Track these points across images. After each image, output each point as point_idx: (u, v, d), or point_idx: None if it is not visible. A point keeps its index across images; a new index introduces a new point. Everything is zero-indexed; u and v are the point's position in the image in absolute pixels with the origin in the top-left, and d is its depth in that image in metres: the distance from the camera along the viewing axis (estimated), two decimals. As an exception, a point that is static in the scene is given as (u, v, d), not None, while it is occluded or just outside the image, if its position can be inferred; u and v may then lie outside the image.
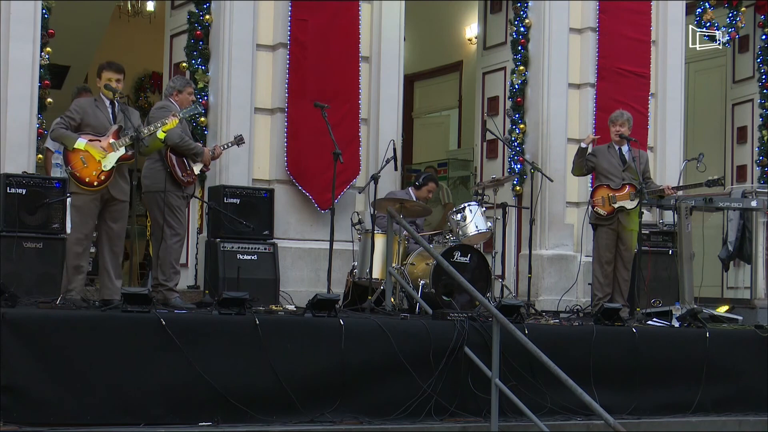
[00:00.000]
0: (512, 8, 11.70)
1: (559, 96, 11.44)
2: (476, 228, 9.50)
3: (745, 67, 13.99)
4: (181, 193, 8.31)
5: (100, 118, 7.75)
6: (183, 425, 6.72)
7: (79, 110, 7.73)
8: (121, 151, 7.66)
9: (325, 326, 7.45)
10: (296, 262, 9.90)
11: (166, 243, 8.18)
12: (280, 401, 7.09)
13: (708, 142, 13.86)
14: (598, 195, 9.79)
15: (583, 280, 10.79)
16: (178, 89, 8.52)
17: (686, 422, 8.45)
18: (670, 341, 8.85)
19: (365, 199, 9.99)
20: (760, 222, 11.64)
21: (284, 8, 10.04)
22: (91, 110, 7.75)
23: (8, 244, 8.11)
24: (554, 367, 7.09)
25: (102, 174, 7.59)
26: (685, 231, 9.85)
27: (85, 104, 7.83)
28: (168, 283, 8.19)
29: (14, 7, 8.91)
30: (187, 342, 6.82)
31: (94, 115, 7.73)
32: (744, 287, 12.22)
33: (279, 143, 10.00)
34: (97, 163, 7.57)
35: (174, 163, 8.23)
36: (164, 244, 8.19)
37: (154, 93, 16.16)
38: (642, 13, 11.91)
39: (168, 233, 8.17)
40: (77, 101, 7.97)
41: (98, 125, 7.71)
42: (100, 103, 7.82)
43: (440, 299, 8.93)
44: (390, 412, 7.42)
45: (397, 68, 10.68)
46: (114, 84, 7.77)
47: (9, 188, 8.26)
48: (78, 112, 7.72)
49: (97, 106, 7.80)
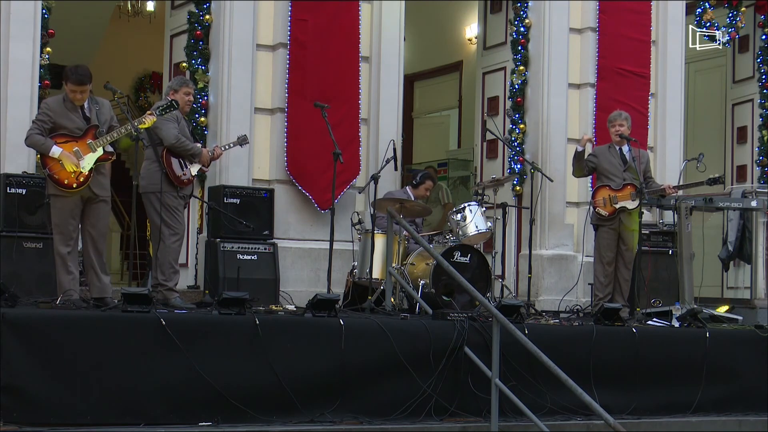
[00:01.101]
0: (512, 8, 11.70)
1: (559, 96, 11.44)
2: (476, 228, 9.50)
3: (745, 67, 13.99)
4: (177, 193, 8.26)
5: (72, 118, 7.53)
6: (183, 425, 6.72)
7: (49, 113, 7.49)
8: (99, 151, 7.52)
9: (325, 326, 7.45)
10: (296, 262, 9.90)
11: (165, 243, 8.16)
12: (280, 401, 7.09)
13: (708, 142, 13.87)
14: (599, 196, 9.79)
15: (583, 280, 10.79)
16: (174, 88, 8.48)
17: (686, 422, 8.45)
18: (670, 341, 8.84)
19: (365, 199, 9.99)
20: (760, 222, 11.65)
21: (284, 8, 10.04)
22: (60, 110, 7.51)
23: (8, 244, 8.11)
24: (554, 367, 7.09)
25: (80, 176, 7.44)
26: (685, 231, 9.85)
27: (53, 105, 7.56)
28: (168, 282, 8.17)
29: (14, 7, 8.91)
30: (187, 342, 6.82)
31: (66, 116, 7.51)
32: (744, 287, 12.22)
33: (279, 143, 10.00)
34: (72, 165, 7.43)
35: (170, 164, 8.20)
36: (163, 245, 8.17)
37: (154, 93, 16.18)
38: (642, 13, 11.91)
39: (166, 233, 8.15)
40: (45, 102, 7.72)
41: (71, 126, 7.50)
42: (68, 103, 7.55)
43: (440, 299, 8.93)
44: (390, 412, 7.42)
45: (397, 68, 10.69)
46: (78, 96, 7.45)
47: (9, 188, 8.26)
48: (48, 114, 7.48)
49: (65, 106, 7.54)
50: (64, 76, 7.48)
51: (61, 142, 7.45)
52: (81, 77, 7.43)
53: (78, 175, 7.44)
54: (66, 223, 7.50)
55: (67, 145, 7.46)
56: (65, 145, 7.45)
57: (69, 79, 7.44)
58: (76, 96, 7.46)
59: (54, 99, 7.70)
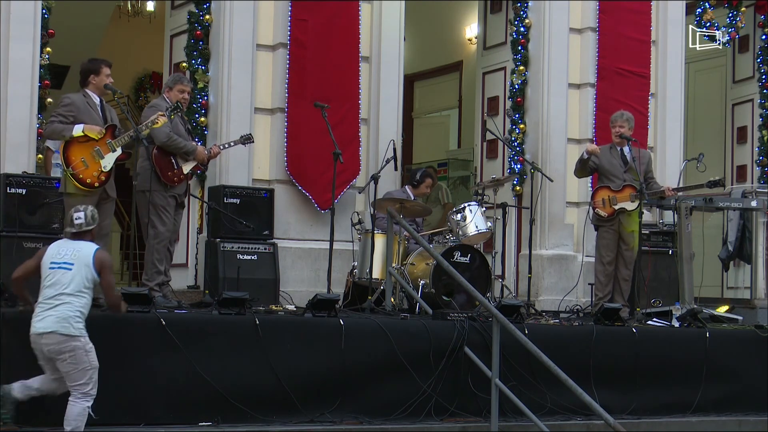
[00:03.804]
0: (512, 8, 11.70)
1: (559, 96, 11.44)
2: (476, 228, 9.50)
3: (745, 67, 13.99)
4: (166, 192, 8.22)
5: (93, 116, 7.68)
6: (183, 425, 6.74)
7: (72, 108, 7.63)
8: (118, 151, 7.63)
9: (325, 326, 7.46)
10: (296, 262, 9.90)
11: (149, 243, 8.15)
12: (280, 401, 7.10)
13: (708, 142, 13.86)
14: (598, 197, 9.80)
15: (583, 280, 10.79)
16: (168, 86, 8.52)
17: (686, 422, 8.46)
18: (670, 341, 8.85)
19: (365, 199, 9.99)
20: (760, 222, 11.65)
21: (284, 8, 10.04)
22: (83, 106, 7.67)
23: (8, 244, 8.11)
24: (554, 367, 7.10)
25: (102, 174, 7.56)
26: (685, 231, 9.85)
27: (77, 100, 7.72)
28: (149, 282, 8.10)
29: (14, 7, 8.91)
30: (187, 342, 6.83)
31: (88, 113, 7.66)
32: (744, 287, 12.22)
33: (279, 143, 10.00)
34: (97, 164, 7.54)
35: (159, 162, 8.14)
36: (147, 244, 8.17)
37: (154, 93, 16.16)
38: (642, 13, 11.91)
39: (151, 233, 8.12)
40: (67, 97, 7.82)
41: (92, 122, 7.63)
42: (90, 100, 7.75)
43: (440, 299, 8.93)
44: (390, 412, 7.43)
45: (397, 68, 10.68)
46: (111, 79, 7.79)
47: (9, 188, 8.25)
48: (71, 109, 7.62)
49: (87, 103, 7.72)
50: (95, 66, 7.79)
51: (82, 141, 7.53)
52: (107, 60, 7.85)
53: (100, 173, 7.52)
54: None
55: (88, 144, 7.53)
56: (85, 144, 7.51)
57: (104, 62, 7.80)
58: (109, 79, 7.77)
59: (75, 95, 7.80)
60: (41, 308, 6.29)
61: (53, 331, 6.21)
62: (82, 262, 6.38)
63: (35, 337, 6.27)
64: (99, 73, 7.78)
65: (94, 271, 6.40)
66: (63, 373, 6.27)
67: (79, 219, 6.55)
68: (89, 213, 6.62)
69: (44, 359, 6.32)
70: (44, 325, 6.23)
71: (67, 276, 6.32)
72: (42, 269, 6.41)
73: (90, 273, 6.39)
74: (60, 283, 6.31)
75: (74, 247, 6.46)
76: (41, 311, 6.28)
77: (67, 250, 6.45)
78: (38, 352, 6.30)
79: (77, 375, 6.25)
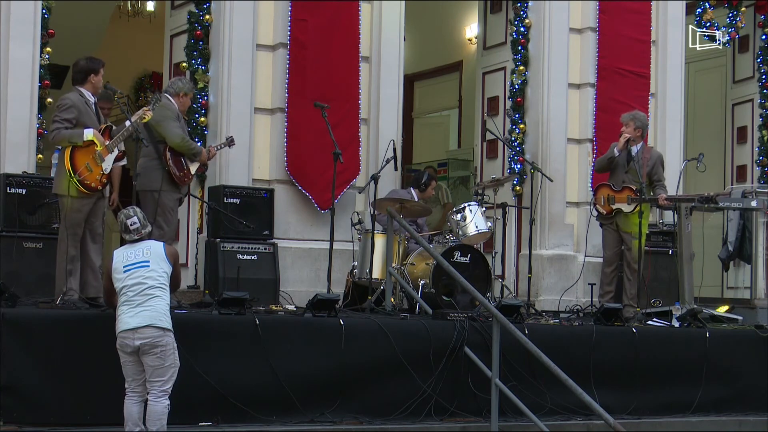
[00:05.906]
0: (512, 8, 11.70)
1: (559, 96, 11.44)
2: (476, 228, 9.50)
3: (745, 67, 13.98)
4: (177, 193, 8.22)
5: (92, 116, 7.63)
6: (183, 425, 6.73)
7: (74, 110, 7.53)
8: (115, 151, 7.59)
9: (325, 326, 7.46)
10: (296, 262, 9.90)
11: None
12: (280, 401, 7.11)
13: (708, 142, 13.85)
14: (599, 193, 9.82)
15: (583, 280, 10.79)
16: (185, 92, 8.46)
17: (686, 422, 8.46)
18: (670, 341, 8.86)
19: (365, 199, 9.99)
20: (760, 222, 11.65)
21: (284, 8, 10.03)
22: (82, 107, 7.59)
23: (8, 244, 8.11)
24: (554, 367, 7.10)
25: (103, 177, 7.52)
26: (685, 231, 9.85)
27: (76, 101, 7.60)
28: None
29: (14, 7, 8.91)
30: (187, 342, 6.82)
31: (87, 113, 7.60)
32: (744, 287, 12.22)
33: (279, 143, 10.00)
34: (99, 167, 7.48)
35: (171, 163, 8.16)
36: None
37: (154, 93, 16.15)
38: (642, 13, 11.90)
39: (157, 234, 8.10)
40: (67, 98, 7.66)
41: (91, 124, 7.57)
42: (86, 99, 7.66)
43: (440, 299, 8.93)
44: (390, 412, 7.43)
45: (397, 68, 10.68)
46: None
47: (9, 188, 8.26)
48: (72, 111, 7.51)
49: (85, 103, 7.63)
50: (95, 65, 7.74)
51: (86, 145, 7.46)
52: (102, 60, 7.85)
53: (101, 176, 7.51)
54: (80, 225, 7.48)
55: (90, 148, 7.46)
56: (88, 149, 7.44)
57: (101, 62, 7.78)
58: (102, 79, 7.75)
59: (73, 95, 7.67)
60: (129, 306, 6.37)
61: (149, 325, 6.31)
62: (158, 257, 6.55)
63: (127, 333, 6.31)
64: (98, 73, 7.75)
65: (168, 263, 6.58)
66: (149, 369, 6.31)
67: (135, 224, 6.67)
68: (139, 214, 6.75)
69: (131, 358, 6.33)
70: (139, 320, 6.31)
71: (149, 272, 6.45)
72: (115, 277, 6.50)
73: (166, 265, 6.56)
74: (144, 280, 6.42)
75: (142, 247, 6.61)
76: (130, 308, 6.35)
77: (136, 251, 6.57)
78: (127, 349, 6.33)
79: (162, 371, 6.33)
